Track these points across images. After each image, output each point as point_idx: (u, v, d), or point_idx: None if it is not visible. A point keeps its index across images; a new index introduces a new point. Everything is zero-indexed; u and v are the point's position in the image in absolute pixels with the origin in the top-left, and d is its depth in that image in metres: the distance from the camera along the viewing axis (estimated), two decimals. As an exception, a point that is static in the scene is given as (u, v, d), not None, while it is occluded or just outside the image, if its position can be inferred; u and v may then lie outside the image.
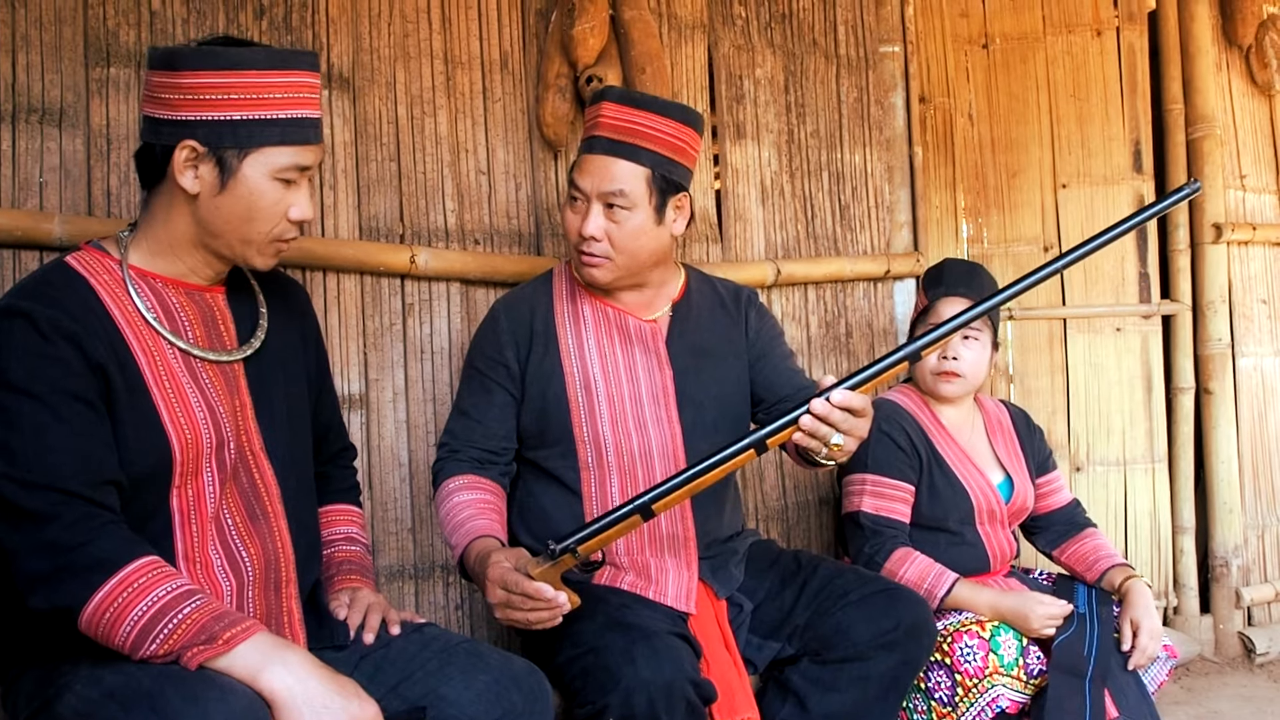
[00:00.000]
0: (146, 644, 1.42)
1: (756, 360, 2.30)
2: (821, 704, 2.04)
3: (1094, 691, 2.18)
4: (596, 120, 2.13)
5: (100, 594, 1.42)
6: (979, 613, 2.32)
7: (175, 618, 1.42)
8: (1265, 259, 3.70)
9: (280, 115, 1.60)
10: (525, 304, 2.24)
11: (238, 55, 1.57)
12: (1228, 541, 3.55)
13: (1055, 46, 3.57)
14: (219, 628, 1.43)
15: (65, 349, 1.50)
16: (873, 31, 3.15)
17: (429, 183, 2.53)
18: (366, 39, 2.47)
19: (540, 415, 2.18)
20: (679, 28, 2.85)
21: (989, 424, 2.65)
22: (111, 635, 1.43)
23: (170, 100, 1.58)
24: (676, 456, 2.17)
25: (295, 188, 1.64)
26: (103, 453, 1.51)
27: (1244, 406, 3.62)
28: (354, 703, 1.45)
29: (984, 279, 2.57)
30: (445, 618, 2.49)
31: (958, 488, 2.50)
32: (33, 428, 1.47)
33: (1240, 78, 3.72)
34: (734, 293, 2.37)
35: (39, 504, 1.44)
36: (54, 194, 2.11)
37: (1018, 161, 3.54)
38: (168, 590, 1.44)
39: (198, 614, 1.44)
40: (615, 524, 1.77)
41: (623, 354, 2.21)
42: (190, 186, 1.59)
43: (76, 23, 2.15)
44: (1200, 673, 3.40)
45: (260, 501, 1.70)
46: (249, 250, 1.66)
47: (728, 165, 2.93)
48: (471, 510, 2.05)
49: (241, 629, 1.45)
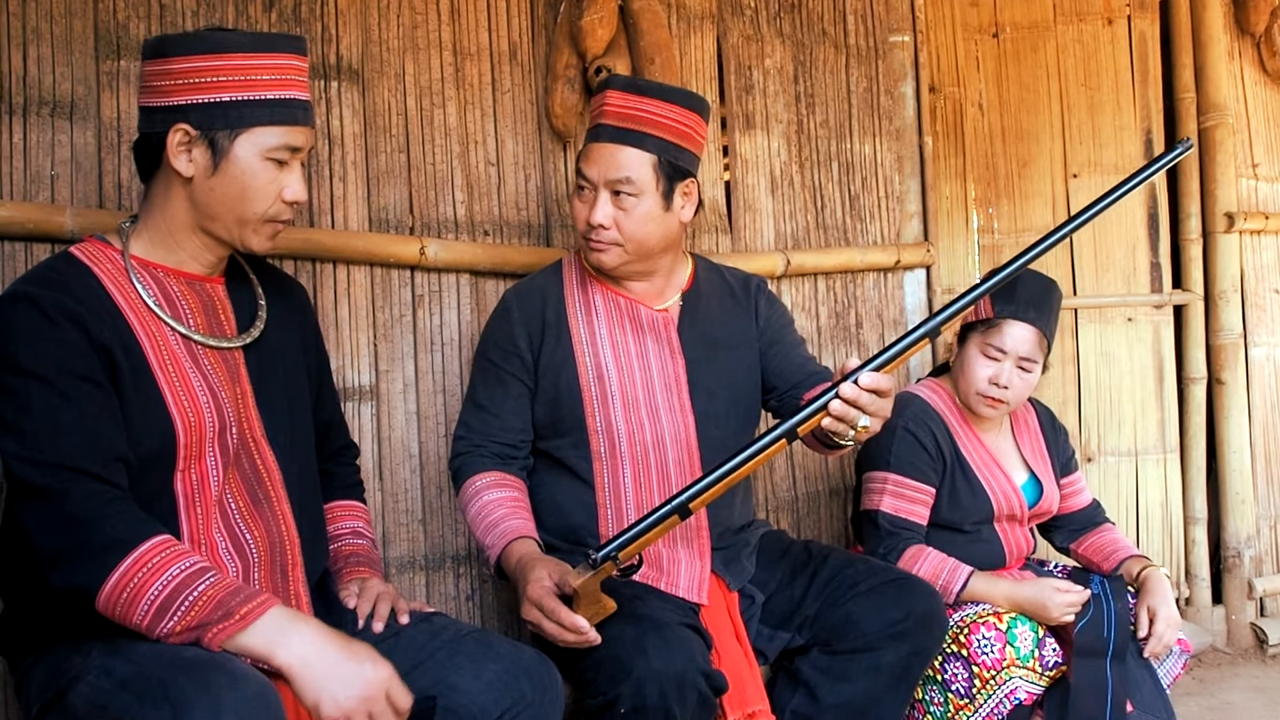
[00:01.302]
0: (164, 621, 1.43)
1: (768, 348, 2.30)
2: (832, 694, 2.04)
3: (1114, 673, 2.18)
4: (602, 109, 2.13)
5: (116, 574, 1.44)
6: (996, 604, 2.30)
7: (191, 594, 1.44)
8: (1278, 248, 3.68)
9: (269, 96, 1.64)
10: (537, 293, 2.24)
11: (225, 38, 1.63)
12: (1240, 532, 3.53)
13: (1066, 35, 3.55)
14: (235, 603, 1.45)
15: (70, 331, 1.53)
16: (882, 21, 3.13)
17: (438, 174, 2.53)
18: (375, 30, 2.47)
19: (553, 405, 2.18)
20: (688, 18, 2.85)
21: (1016, 425, 2.63)
22: (129, 614, 1.45)
23: (163, 87, 1.62)
24: (689, 445, 2.17)
25: (288, 169, 1.68)
26: (112, 431, 1.53)
27: (1256, 396, 3.60)
28: (367, 666, 1.46)
29: (1054, 301, 2.48)
30: (456, 608, 2.50)
31: (979, 491, 2.47)
32: (43, 409, 1.49)
33: (1252, 66, 3.69)
34: (743, 281, 2.37)
35: (52, 482, 1.46)
36: (65, 187, 2.11)
37: (1028, 151, 3.52)
38: (182, 568, 1.46)
39: (213, 590, 1.45)
40: (653, 526, 1.76)
41: (635, 343, 2.21)
42: (185, 170, 1.63)
43: (87, 16, 2.15)
44: (1212, 664, 3.39)
45: (263, 486, 1.71)
46: (245, 231, 1.69)
47: (737, 156, 2.92)
48: (505, 509, 2.07)
49: (257, 603, 1.46)
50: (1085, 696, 2.16)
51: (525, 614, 1.85)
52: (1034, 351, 2.42)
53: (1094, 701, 2.17)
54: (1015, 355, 2.41)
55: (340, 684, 1.43)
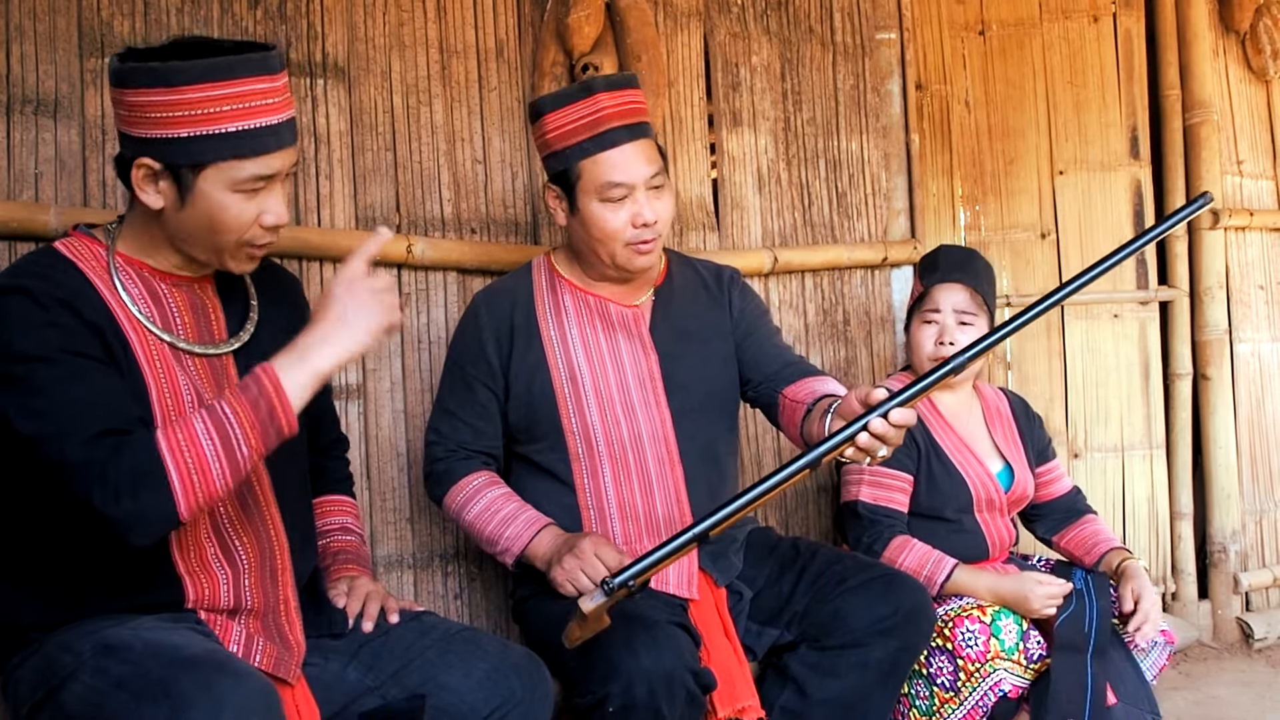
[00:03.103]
0: (238, 455, 1.48)
1: (742, 339, 2.28)
2: (821, 690, 2.04)
3: (1094, 668, 2.19)
4: (600, 113, 2.06)
5: (170, 470, 1.44)
6: (979, 597, 2.32)
7: (237, 422, 1.47)
8: (1262, 245, 3.70)
9: (230, 129, 1.52)
10: (505, 298, 2.23)
11: (177, 71, 1.50)
12: (1226, 527, 3.55)
13: (1052, 32, 3.56)
14: (263, 401, 1.49)
15: (64, 314, 1.51)
16: (869, 18, 3.14)
17: (425, 172, 2.52)
18: (361, 28, 2.46)
19: (527, 410, 2.18)
20: (675, 15, 2.85)
21: (987, 412, 2.65)
22: (206, 474, 1.46)
23: (125, 117, 1.56)
24: (667, 441, 2.17)
25: (266, 193, 1.59)
26: (123, 399, 1.52)
27: (1241, 392, 3.61)
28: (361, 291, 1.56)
29: (979, 264, 2.58)
30: (444, 607, 2.49)
31: (956, 477, 2.50)
32: (55, 387, 1.46)
33: (1237, 63, 3.71)
34: (715, 273, 2.36)
35: (92, 454, 1.44)
36: (49, 185, 2.10)
37: (1015, 148, 3.53)
38: (214, 418, 1.48)
39: (240, 407, 1.49)
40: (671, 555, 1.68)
41: (606, 342, 2.20)
42: (153, 203, 1.57)
43: (70, 13, 2.14)
44: (1198, 658, 3.41)
45: (252, 492, 1.70)
46: (223, 257, 1.64)
47: (724, 153, 2.92)
48: (515, 503, 2.13)
49: (268, 379, 1.51)
50: (1065, 691, 2.17)
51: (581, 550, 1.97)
52: (970, 305, 2.51)
53: (1074, 695, 2.18)
54: (951, 311, 2.50)
55: (361, 318, 1.55)
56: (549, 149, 2.13)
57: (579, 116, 2.07)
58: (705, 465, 2.21)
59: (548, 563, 2.03)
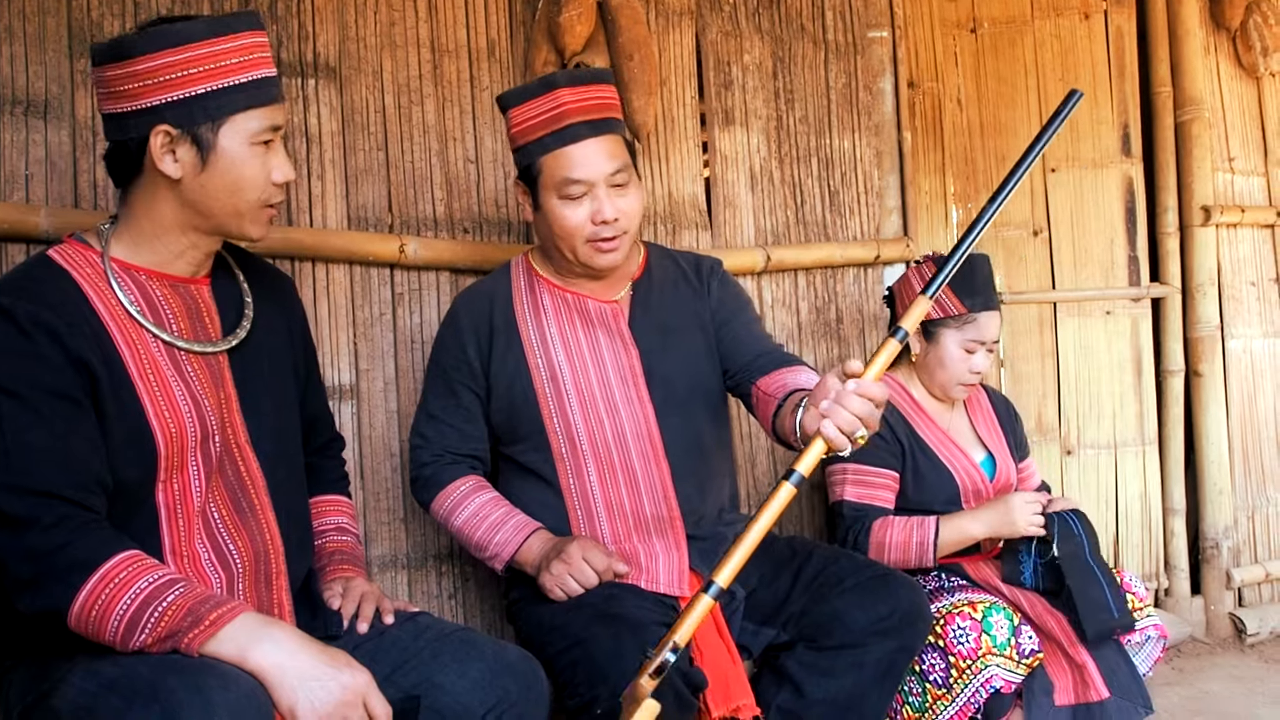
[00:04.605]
0: (135, 635, 1.42)
1: (720, 328, 2.26)
2: (818, 690, 2.04)
3: (1098, 566, 2.32)
4: (561, 109, 2.06)
5: (83, 593, 1.43)
6: (974, 537, 2.40)
7: (160, 606, 1.43)
8: (1254, 241, 3.71)
9: (241, 79, 1.59)
10: (484, 299, 2.23)
11: (185, 29, 1.56)
12: (1218, 523, 3.56)
13: (1043, 30, 3.56)
14: (204, 610, 1.44)
15: (45, 345, 1.49)
16: (860, 16, 3.14)
17: (417, 172, 2.52)
18: (353, 28, 2.46)
19: (509, 411, 2.18)
20: (666, 14, 2.84)
21: (970, 405, 2.70)
22: (100, 631, 1.44)
23: (129, 90, 1.56)
24: (651, 437, 2.16)
25: (272, 150, 1.65)
26: (86, 451, 1.50)
27: (1234, 388, 3.63)
28: (345, 673, 1.45)
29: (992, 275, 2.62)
30: (439, 607, 2.49)
31: (942, 471, 2.52)
32: (13, 429, 1.46)
33: (1228, 60, 3.72)
34: (695, 264, 2.34)
35: (20, 509, 1.44)
36: (40, 186, 2.10)
37: (1007, 145, 3.53)
38: (150, 581, 1.45)
39: (182, 600, 1.44)
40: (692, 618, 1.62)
41: (586, 339, 2.20)
42: (172, 172, 1.59)
43: (60, 14, 2.13)
44: (1191, 654, 3.42)
45: (247, 494, 1.69)
46: (243, 221, 1.66)
47: (717, 152, 2.92)
48: (504, 508, 2.14)
49: (227, 609, 1.45)
50: (1089, 599, 2.27)
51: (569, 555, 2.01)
52: (999, 331, 2.57)
53: (1096, 592, 2.29)
54: (990, 341, 2.54)
55: (318, 688, 1.41)
56: (514, 144, 2.15)
57: (540, 111, 2.08)
58: (692, 459, 2.20)
59: (537, 568, 2.04)
